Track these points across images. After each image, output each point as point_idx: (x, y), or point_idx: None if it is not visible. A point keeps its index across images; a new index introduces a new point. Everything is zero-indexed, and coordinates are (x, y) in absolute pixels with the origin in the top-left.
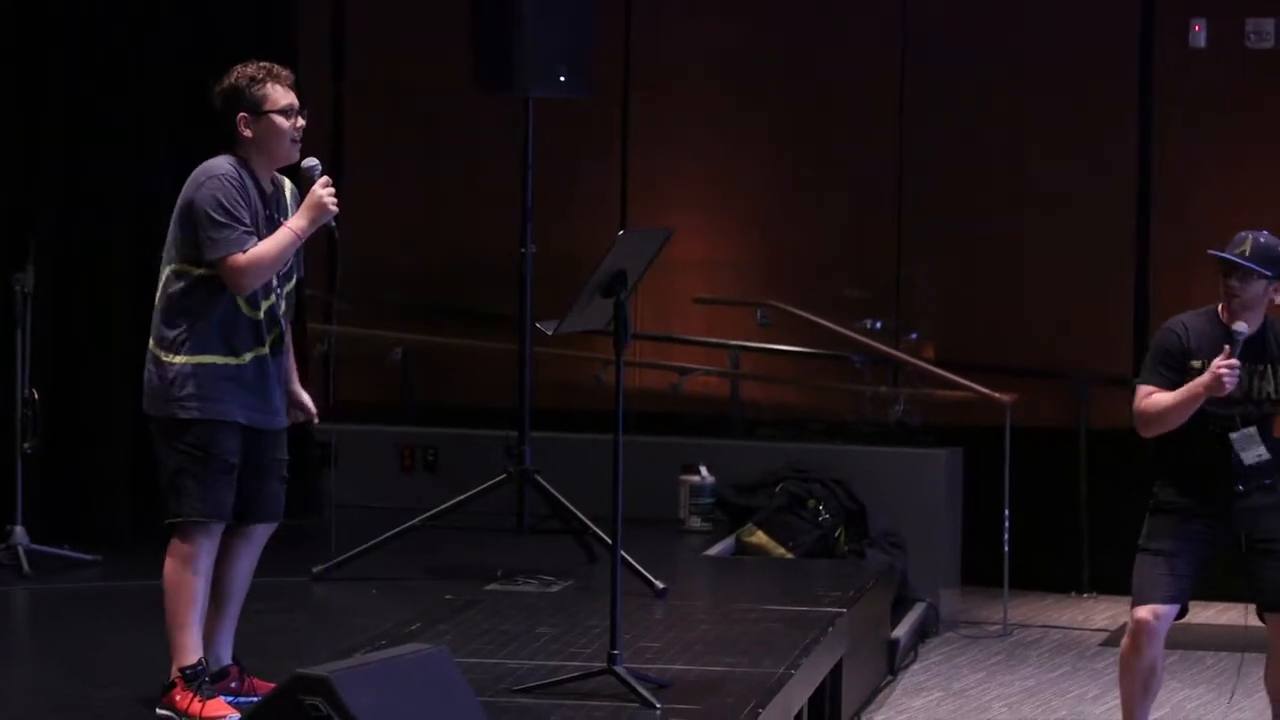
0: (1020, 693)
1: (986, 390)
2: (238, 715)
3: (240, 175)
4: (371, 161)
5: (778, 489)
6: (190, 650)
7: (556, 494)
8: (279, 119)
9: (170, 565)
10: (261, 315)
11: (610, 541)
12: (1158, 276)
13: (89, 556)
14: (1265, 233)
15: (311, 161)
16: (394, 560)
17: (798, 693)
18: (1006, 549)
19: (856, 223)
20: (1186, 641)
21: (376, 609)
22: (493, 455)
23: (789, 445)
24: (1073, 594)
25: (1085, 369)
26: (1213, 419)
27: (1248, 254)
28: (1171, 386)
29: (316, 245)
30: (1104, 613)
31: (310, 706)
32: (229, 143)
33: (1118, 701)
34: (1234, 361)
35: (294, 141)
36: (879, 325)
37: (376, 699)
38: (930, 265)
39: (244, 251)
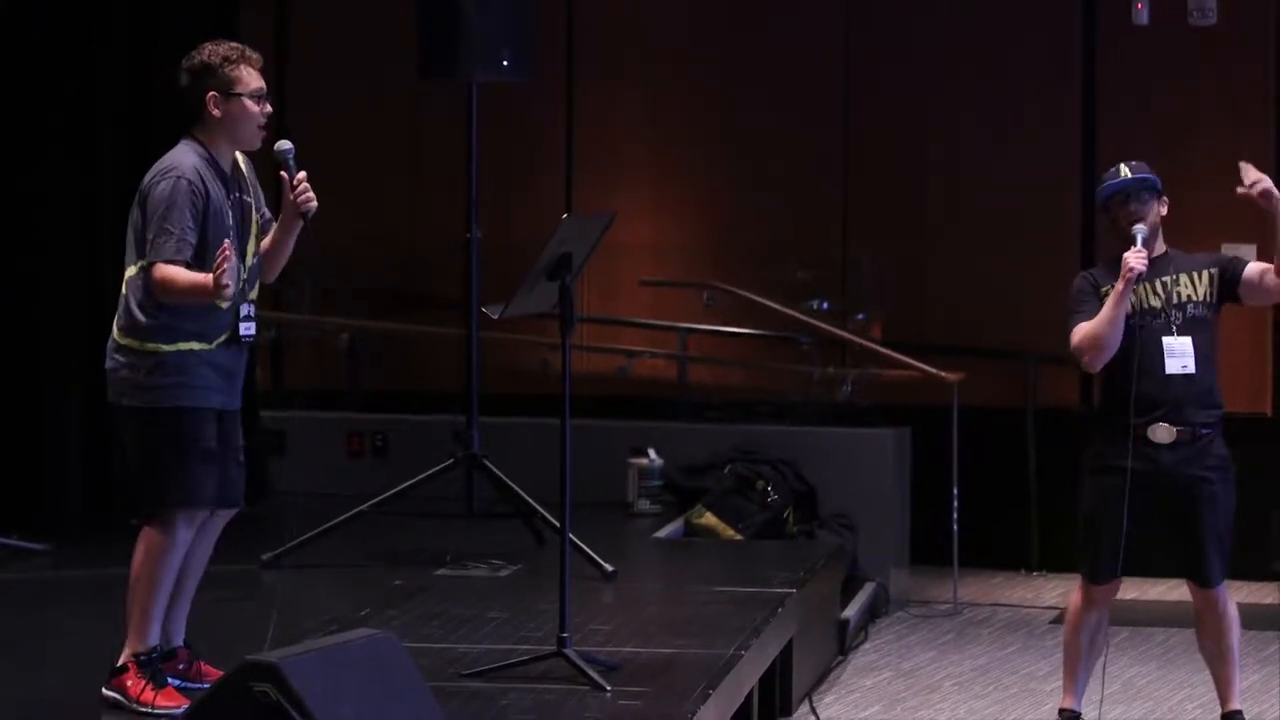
0: (971, 671)
1: (933, 370)
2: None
3: (200, 171)
4: (316, 147)
5: (726, 471)
6: (149, 636)
7: (505, 478)
8: (249, 103)
9: (143, 553)
10: (225, 304)
11: (559, 525)
12: (1102, 254)
13: (38, 545)
14: (1128, 160)
15: (285, 145)
16: (343, 546)
17: (748, 673)
18: (955, 528)
19: (802, 204)
20: (1137, 618)
21: (326, 595)
22: (441, 440)
23: (737, 427)
24: (1022, 572)
25: (1032, 348)
26: (1148, 328)
27: (1130, 175)
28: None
29: None
30: (1053, 590)
31: (259, 693)
32: (189, 122)
33: None
34: (1140, 248)
35: (260, 127)
36: (826, 306)
37: (326, 685)
38: (876, 246)
39: (170, 263)
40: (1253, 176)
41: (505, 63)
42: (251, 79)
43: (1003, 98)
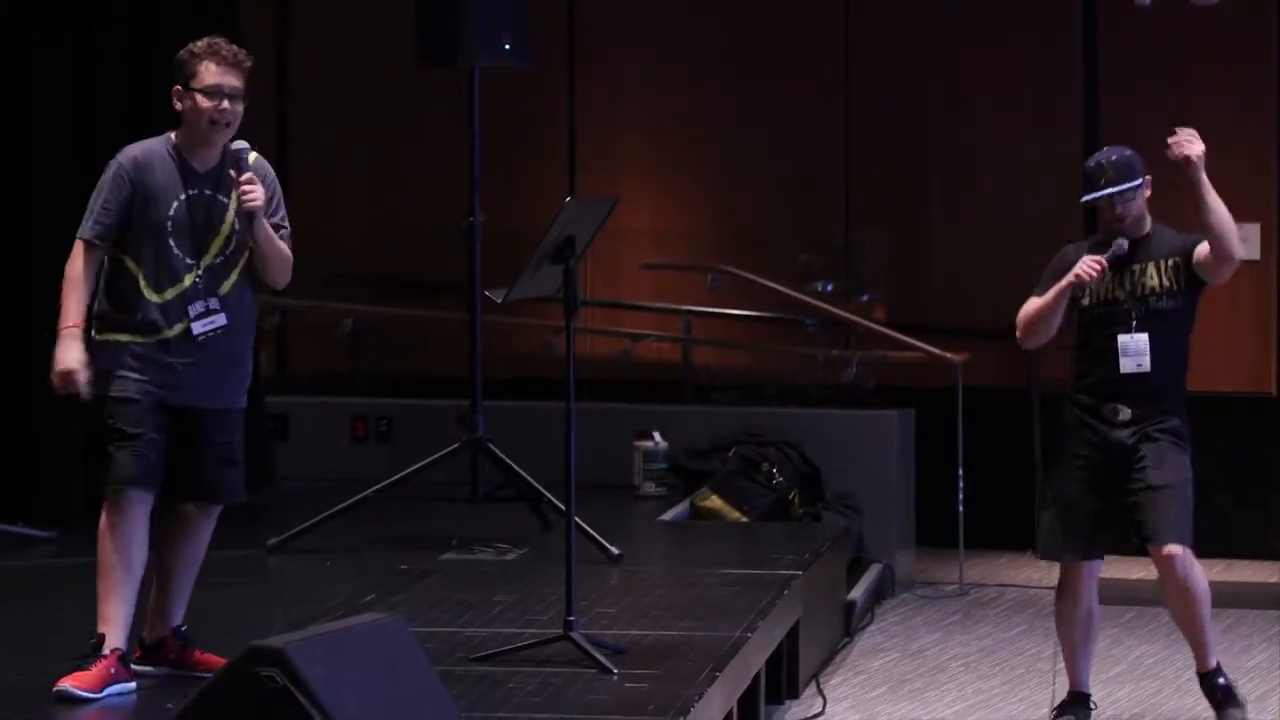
0: (977, 652)
1: (938, 351)
2: (89, 692)
3: (146, 160)
4: (318, 134)
5: (731, 453)
6: (100, 620)
7: (510, 462)
8: (200, 98)
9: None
10: (168, 298)
11: (564, 508)
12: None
13: (43, 533)
14: (1109, 150)
15: (237, 144)
16: (348, 531)
17: (755, 656)
18: (961, 509)
19: (805, 186)
20: (1143, 598)
21: (331, 580)
22: (445, 425)
23: (742, 409)
24: (1028, 552)
25: None
26: (1108, 321)
27: (1113, 178)
28: None
29: None
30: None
31: (266, 678)
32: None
33: None
34: (1097, 258)
35: (212, 123)
36: (829, 288)
37: (332, 670)
38: (879, 227)
39: (84, 240)
40: (1179, 138)
41: (506, 47)
42: (209, 75)
43: (1005, 77)
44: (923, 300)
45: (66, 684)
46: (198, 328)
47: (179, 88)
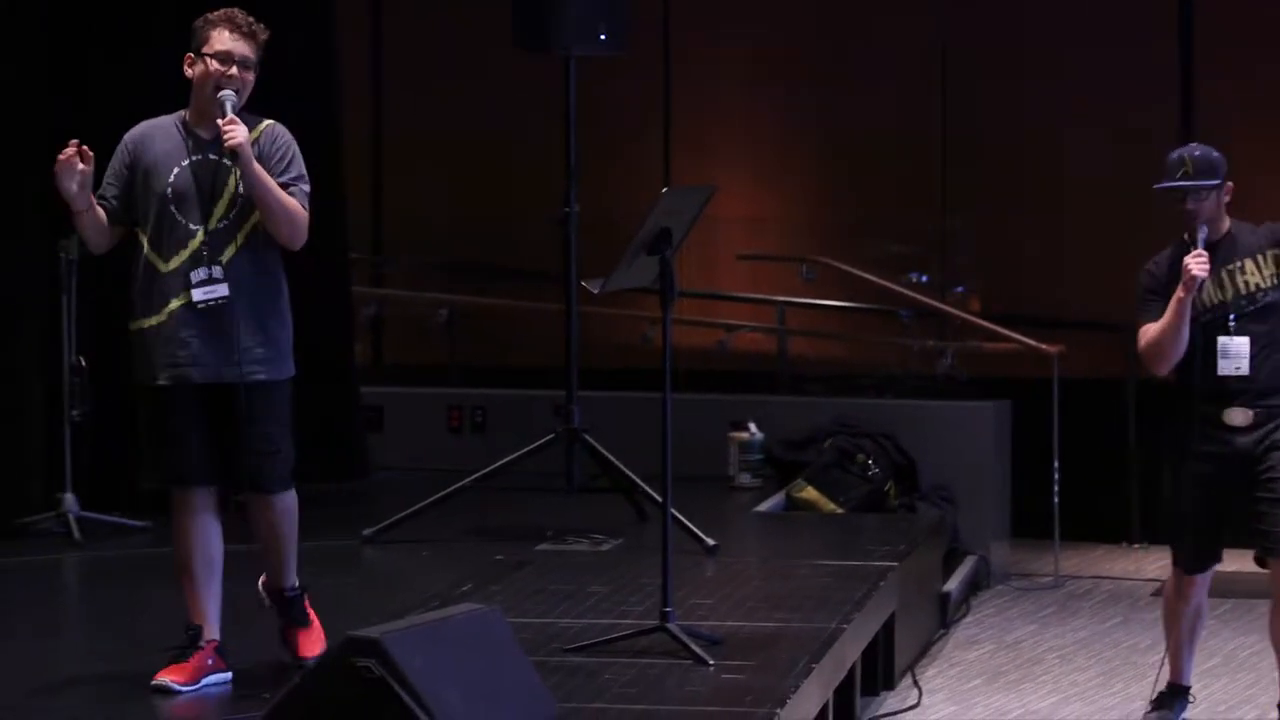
0: (1073, 644)
1: (1034, 342)
2: (186, 685)
3: (149, 132)
4: (414, 125)
5: (827, 444)
6: (190, 613)
7: (606, 453)
8: (210, 62)
9: None
10: (173, 266)
11: (660, 499)
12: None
13: (139, 523)
14: (1194, 145)
15: (223, 93)
16: (444, 522)
17: (850, 647)
18: (1056, 501)
19: (900, 176)
20: (1240, 590)
21: (427, 571)
22: (540, 415)
23: (837, 400)
24: (1123, 544)
25: (1131, 319)
26: (1211, 326)
27: (1191, 173)
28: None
29: (361, 209)
30: (1155, 563)
31: (363, 668)
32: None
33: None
34: (1200, 251)
35: (218, 89)
36: (924, 279)
37: (429, 660)
38: (975, 218)
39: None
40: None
41: (602, 36)
42: (219, 40)
43: (1100, 67)
44: (1018, 292)
45: (165, 678)
46: (198, 294)
47: (190, 55)
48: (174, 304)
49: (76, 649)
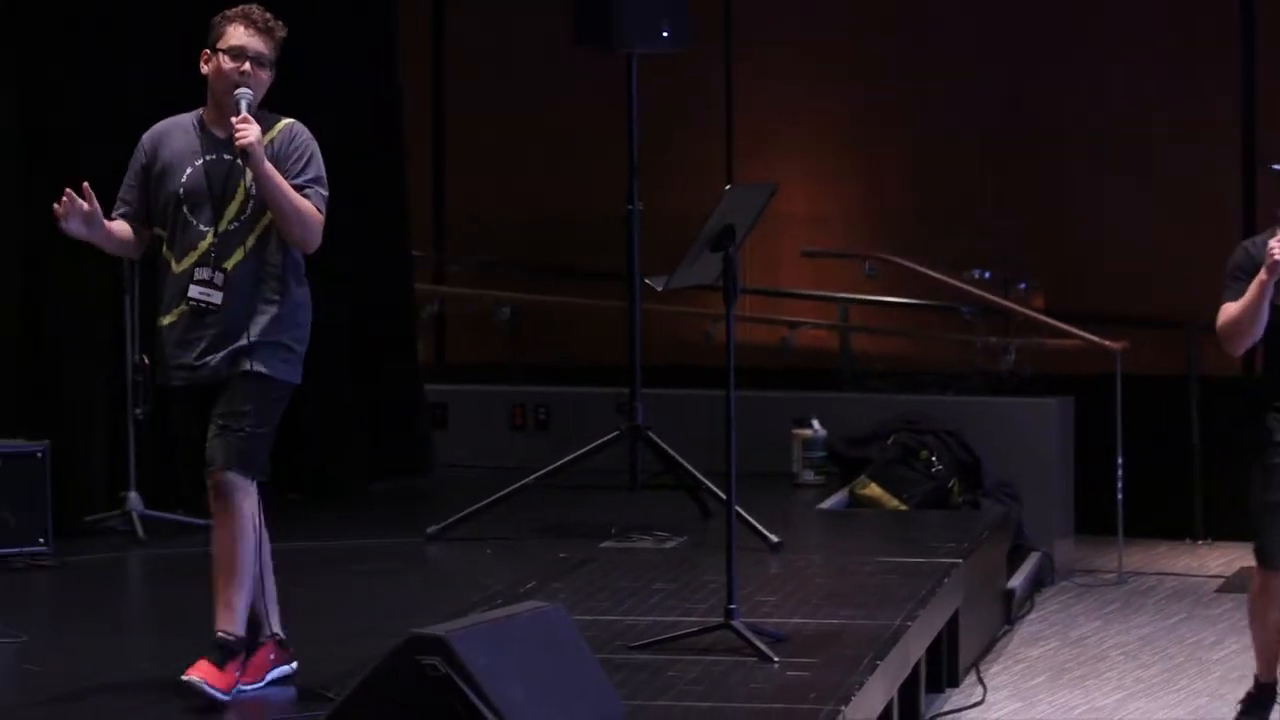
0: (1137, 640)
1: (1097, 339)
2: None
3: (165, 131)
4: (475, 122)
5: (890, 441)
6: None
7: (669, 450)
8: (224, 58)
9: None
10: (185, 266)
11: (724, 496)
12: (1266, 218)
13: (202, 521)
14: None
15: (239, 91)
16: (507, 519)
17: (915, 644)
18: (1120, 497)
19: (962, 172)
20: None
21: (491, 568)
22: (604, 413)
23: (900, 397)
24: (1187, 541)
25: (1194, 316)
26: None
27: None
28: None
29: (422, 208)
30: (1218, 559)
31: (428, 666)
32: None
33: (1235, 647)
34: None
35: (234, 85)
36: (987, 275)
37: (493, 658)
38: (1036, 214)
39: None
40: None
41: (664, 34)
42: (235, 36)
43: (1162, 62)
44: (1081, 288)
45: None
46: (194, 290)
47: (207, 50)
48: (183, 305)
49: (142, 647)
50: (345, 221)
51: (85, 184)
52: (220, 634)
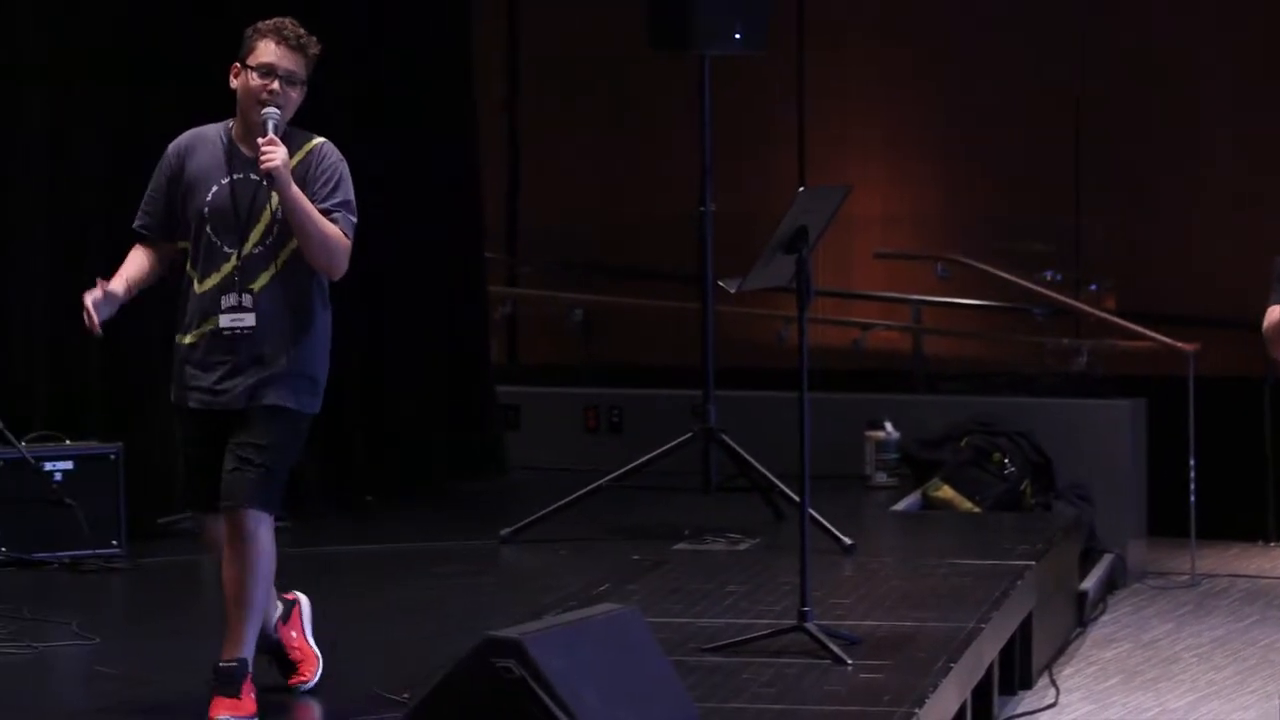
0: (1210, 642)
1: (1169, 340)
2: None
3: (191, 144)
4: (549, 124)
5: (963, 443)
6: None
7: (743, 452)
8: (253, 75)
9: None
10: (208, 288)
11: (797, 499)
12: None
13: (277, 523)
14: None
15: (266, 110)
16: (581, 521)
17: (988, 646)
18: (1193, 499)
19: (1034, 174)
20: None
21: (565, 570)
22: (676, 415)
23: (972, 399)
24: (1260, 543)
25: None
26: None
27: None
28: None
29: (495, 210)
30: None
31: (503, 669)
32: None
33: None
34: None
35: (261, 103)
36: (1059, 277)
37: (568, 661)
38: (1109, 216)
39: (135, 231)
40: None
41: (738, 35)
42: (264, 52)
43: (1238, 61)
44: (1153, 289)
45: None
46: (224, 320)
47: (237, 65)
48: (205, 327)
49: (214, 650)
50: (419, 226)
51: (100, 279)
52: (223, 665)
